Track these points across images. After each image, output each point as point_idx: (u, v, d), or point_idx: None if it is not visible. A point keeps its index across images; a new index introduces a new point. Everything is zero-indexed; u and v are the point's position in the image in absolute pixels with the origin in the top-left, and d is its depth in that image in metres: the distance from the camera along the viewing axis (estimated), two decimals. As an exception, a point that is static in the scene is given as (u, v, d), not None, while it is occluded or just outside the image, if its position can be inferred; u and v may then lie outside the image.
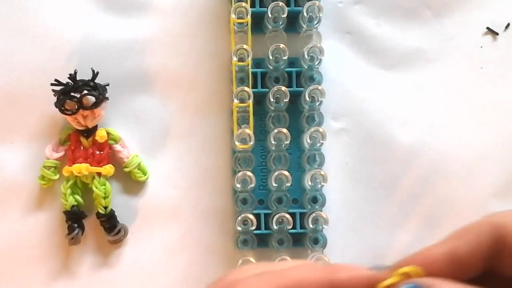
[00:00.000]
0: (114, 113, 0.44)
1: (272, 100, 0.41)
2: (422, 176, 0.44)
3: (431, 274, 0.20)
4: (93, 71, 0.42)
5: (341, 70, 0.44)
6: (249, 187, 0.40)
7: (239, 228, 0.41)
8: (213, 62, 0.44)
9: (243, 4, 0.40)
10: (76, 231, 0.42)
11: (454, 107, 0.44)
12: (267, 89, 0.41)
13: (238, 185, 0.40)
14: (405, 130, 0.44)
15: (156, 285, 0.43)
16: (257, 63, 0.43)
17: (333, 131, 0.43)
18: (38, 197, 0.44)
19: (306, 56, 0.41)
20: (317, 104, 0.41)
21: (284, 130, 0.40)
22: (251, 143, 0.40)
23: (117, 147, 0.43)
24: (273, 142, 0.41)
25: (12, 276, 0.44)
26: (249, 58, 0.40)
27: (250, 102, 0.40)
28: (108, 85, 0.43)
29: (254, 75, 0.42)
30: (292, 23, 0.43)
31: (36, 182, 0.43)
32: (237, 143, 0.40)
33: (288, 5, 0.41)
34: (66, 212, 0.43)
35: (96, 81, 0.42)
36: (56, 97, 0.42)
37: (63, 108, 0.41)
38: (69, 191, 0.43)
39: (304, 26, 0.42)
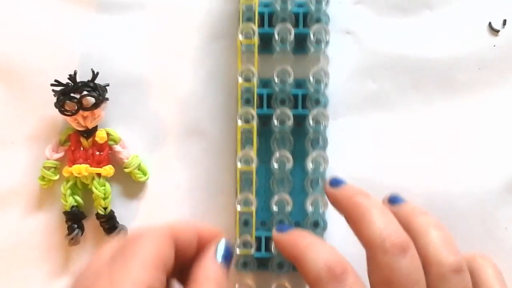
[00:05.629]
0: (114, 114, 0.44)
1: (276, 123, 0.40)
2: (422, 176, 0.44)
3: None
4: (93, 71, 0.42)
5: (341, 70, 0.44)
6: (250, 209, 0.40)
7: (238, 251, 0.40)
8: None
9: (251, 25, 0.40)
10: (75, 232, 0.42)
11: (453, 107, 0.44)
12: (273, 110, 0.41)
13: (239, 207, 0.40)
14: (404, 131, 0.44)
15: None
16: (264, 83, 0.43)
17: (333, 130, 0.43)
18: (38, 197, 0.44)
19: (312, 80, 0.41)
20: (322, 127, 0.41)
21: (287, 154, 0.40)
22: (254, 165, 0.40)
23: (117, 147, 0.43)
24: (275, 166, 0.40)
25: (12, 276, 0.44)
26: (255, 79, 0.40)
27: (254, 123, 0.40)
28: (108, 85, 0.43)
29: (260, 96, 0.41)
30: (301, 44, 0.42)
31: (36, 183, 0.43)
32: (239, 164, 0.40)
33: (296, 26, 0.41)
34: (66, 213, 0.43)
35: (96, 81, 0.42)
36: (56, 97, 0.42)
37: (63, 108, 0.42)
38: (69, 191, 0.43)
39: (312, 49, 0.41)
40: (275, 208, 0.40)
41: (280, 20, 0.41)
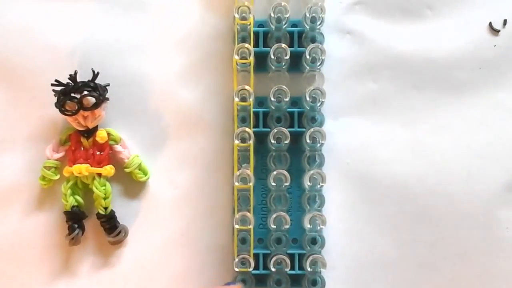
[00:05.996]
0: (115, 114, 0.44)
1: (273, 141, 0.40)
2: (423, 175, 0.44)
3: None
4: (93, 71, 0.42)
5: (341, 70, 0.44)
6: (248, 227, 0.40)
7: (237, 269, 0.40)
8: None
9: (246, 45, 0.40)
10: (76, 232, 0.42)
11: (453, 107, 0.44)
12: (269, 129, 0.41)
13: (237, 226, 0.40)
14: (404, 130, 0.44)
15: (155, 285, 0.43)
16: (260, 101, 0.43)
17: (333, 130, 0.43)
18: (39, 197, 0.44)
19: (308, 98, 0.41)
20: (318, 145, 0.41)
21: (284, 172, 0.40)
22: (251, 183, 0.40)
23: (118, 147, 0.43)
24: (272, 183, 0.40)
25: (12, 276, 0.44)
26: (251, 99, 0.40)
27: (251, 142, 0.40)
28: (108, 85, 0.43)
29: (256, 114, 0.42)
30: (296, 62, 0.42)
31: (37, 183, 0.43)
32: (236, 183, 0.40)
33: (291, 45, 0.41)
34: (66, 213, 0.43)
35: (96, 81, 0.42)
36: (56, 97, 0.42)
37: (63, 108, 0.42)
38: (69, 191, 0.43)
39: (307, 67, 0.42)
40: (273, 226, 0.40)
41: (275, 40, 0.41)
